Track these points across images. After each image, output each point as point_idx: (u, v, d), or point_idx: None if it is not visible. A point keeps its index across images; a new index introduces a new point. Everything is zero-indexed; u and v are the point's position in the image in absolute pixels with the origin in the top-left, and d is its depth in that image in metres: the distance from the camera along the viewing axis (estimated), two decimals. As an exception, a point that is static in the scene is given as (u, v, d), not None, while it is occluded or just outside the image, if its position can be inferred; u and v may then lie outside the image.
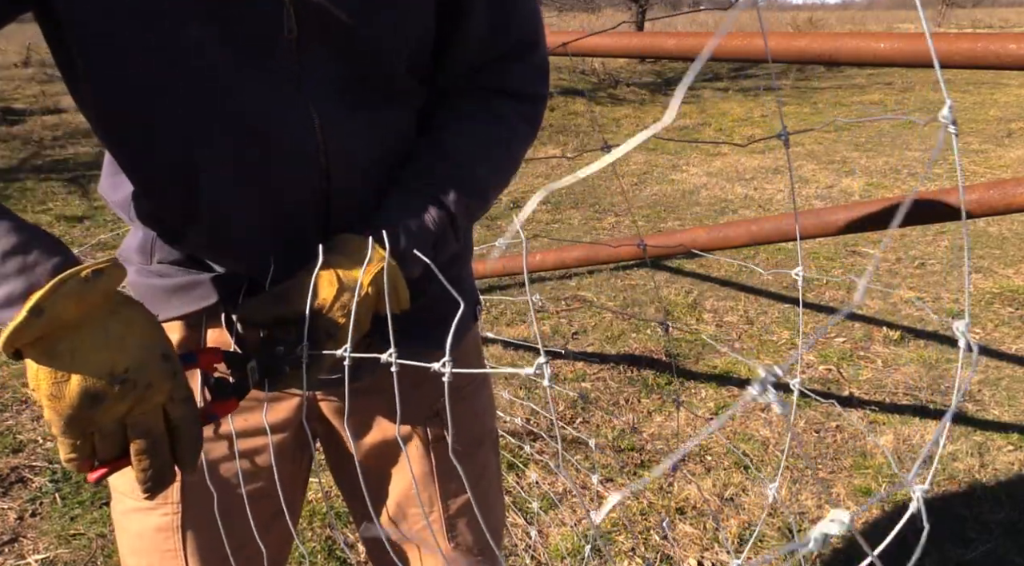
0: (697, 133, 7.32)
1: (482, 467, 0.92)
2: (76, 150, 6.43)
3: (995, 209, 1.37)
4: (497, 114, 0.77)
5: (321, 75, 0.66)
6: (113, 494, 0.83)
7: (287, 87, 0.65)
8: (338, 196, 0.71)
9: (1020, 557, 1.76)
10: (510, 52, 0.76)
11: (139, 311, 0.56)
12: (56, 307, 0.50)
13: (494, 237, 4.28)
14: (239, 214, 0.68)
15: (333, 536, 1.87)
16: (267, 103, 0.64)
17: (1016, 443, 2.20)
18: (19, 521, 1.94)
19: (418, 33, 0.70)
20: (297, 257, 0.69)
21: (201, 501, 0.79)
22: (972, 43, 1.28)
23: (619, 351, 2.86)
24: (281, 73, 0.64)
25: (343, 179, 0.70)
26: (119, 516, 0.82)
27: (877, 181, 5.25)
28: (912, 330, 2.98)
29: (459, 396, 0.87)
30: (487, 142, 0.77)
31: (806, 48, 1.46)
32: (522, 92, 0.79)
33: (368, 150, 0.72)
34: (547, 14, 14.01)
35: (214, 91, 0.62)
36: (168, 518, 0.79)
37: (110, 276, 0.53)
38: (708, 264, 3.77)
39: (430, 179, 0.73)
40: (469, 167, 0.75)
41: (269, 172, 0.67)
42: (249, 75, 0.63)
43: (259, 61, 0.63)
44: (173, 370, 0.56)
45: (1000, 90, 9.05)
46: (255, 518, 0.80)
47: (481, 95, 0.78)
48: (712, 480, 2.05)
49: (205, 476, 0.79)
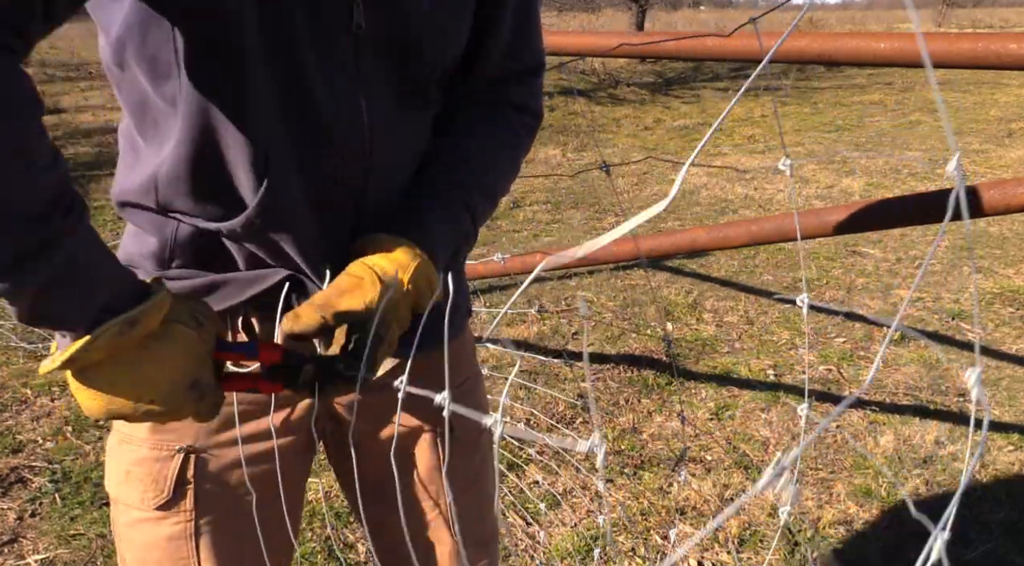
0: (697, 133, 7.32)
1: (482, 459, 0.94)
2: (76, 150, 6.42)
3: (995, 209, 1.37)
4: (507, 123, 0.84)
5: (376, 73, 0.69)
6: (115, 506, 0.80)
7: (345, 80, 0.67)
8: (372, 191, 0.73)
9: (1020, 557, 1.75)
10: (524, 71, 0.84)
11: (173, 344, 0.60)
12: (90, 356, 0.56)
13: (494, 237, 4.28)
14: (291, 200, 0.69)
15: (333, 536, 1.87)
16: (328, 93, 0.67)
17: (1016, 443, 2.20)
18: (19, 521, 1.94)
19: (462, 42, 0.75)
20: (333, 248, 0.72)
21: (215, 507, 0.78)
22: (972, 43, 1.27)
23: (619, 351, 2.86)
24: (342, 65, 0.67)
25: (379, 175, 0.73)
26: (124, 528, 0.80)
27: (877, 181, 5.25)
28: (912, 330, 2.98)
29: (461, 390, 0.90)
30: (500, 148, 0.83)
31: (806, 48, 1.45)
32: (527, 107, 0.86)
33: (403, 149, 0.75)
34: (547, 14, 14.02)
35: (293, 78, 0.65)
36: (181, 526, 0.77)
37: (144, 325, 0.58)
38: (708, 264, 3.76)
39: (457, 183, 0.78)
40: (486, 172, 0.81)
41: (320, 161, 0.69)
42: (318, 65, 0.65)
43: (326, 47, 0.65)
44: (200, 395, 0.62)
45: (1000, 90, 9.04)
46: (270, 519, 0.80)
47: (495, 106, 0.84)
48: (712, 480, 2.05)
49: (220, 481, 0.78)
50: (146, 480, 0.76)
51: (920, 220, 1.48)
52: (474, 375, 0.94)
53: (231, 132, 0.65)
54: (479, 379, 0.96)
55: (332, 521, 1.91)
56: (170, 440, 0.77)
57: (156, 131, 0.68)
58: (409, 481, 0.88)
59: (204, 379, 0.62)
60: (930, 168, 5.52)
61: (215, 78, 0.63)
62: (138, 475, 0.77)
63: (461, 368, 0.91)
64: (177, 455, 0.76)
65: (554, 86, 9.32)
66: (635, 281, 3.56)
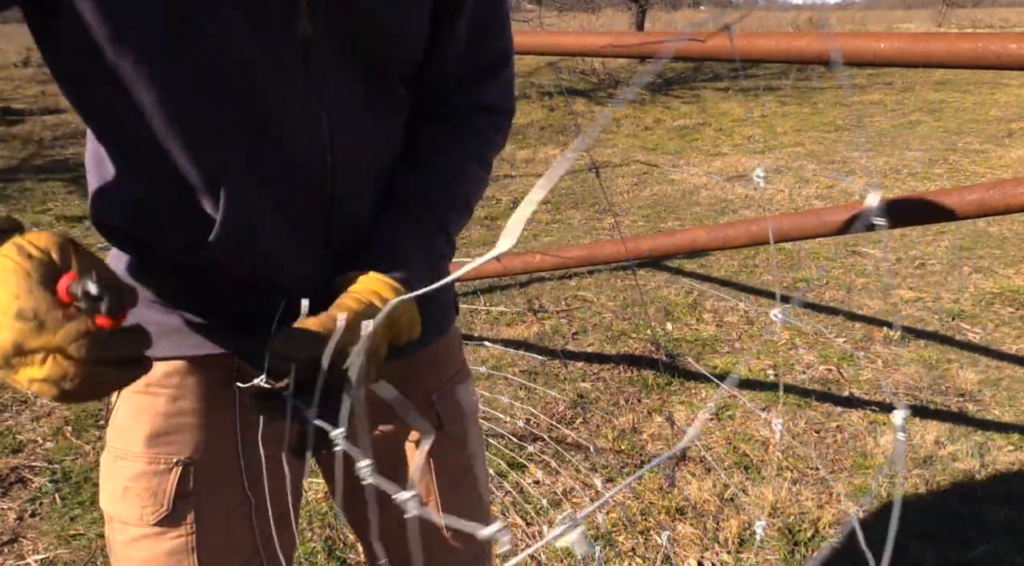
0: (697, 133, 7.32)
1: (472, 455, 0.94)
2: (76, 150, 6.42)
3: (995, 209, 1.37)
4: (475, 129, 0.81)
5: (330, 78, 0.67)
6: (111, 524, 0.79)
7: (299, 86, 0.65)
8: (341, 200, 0.71)
9: (1020, 557, 1.75)
10: (487, 68, 0.80)
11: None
12: None
13: (494, 237, 4.27)
14: (253, 215, 0.67)
15: (333, 536, 1.87)
16: (282, 101, 0.65)
17: (1016, 443, 2.20)
18: (19, 521, 1.94)
19: (422, 38, 0.72)
20: (297, 263, 0.71)
21: (216, 518, 0.78)
22: (972, 43, 1.28)
23: (619, 351, 2.86)
24: (293, 72, 0.64)
25: (347, 183, 0.71)
26: (121, 546, 0.78)
27: (877, 181, 5.24)
28: (912, 330, 2.98)
29: (450, 387, 0.90)
30: (469, 158, 0.80)
31: (806, 48, 1.45)
32: (495, 106, 0.83)
33: (370, 155, 0.73)
34: (547, 14, 14.01)
35: (239, 89, 0.62)
36: (182, 540, 0.76)
37: None
38: (708, 264, 3.76)
39: (427, 203, 0.76)
40: (457, 185, 0.78)
41: (279, 170, 0.67)
42: (266, 72, 0.63)
43: (274, 57, 0.63)
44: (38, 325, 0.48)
45: (1000, 90, 9.04)
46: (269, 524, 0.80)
47: (460, 113, 0.81)
48: (712, 480, 2.05)
49: (220, 492, 0.78)
50: (144, 495, 0.75)
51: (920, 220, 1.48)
52: (462, 371, 0.94)
53: (181, 155, 0.63)
54: (468, 375, 0.96)
55: (332, 521, 1.91)
56: (168, 453, 0.76)
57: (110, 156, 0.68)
58: (397, 479, 0.88)
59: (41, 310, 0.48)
60: (928, 168, 5.52)
61: (153, 102, 0.61)
62: (136, 491, 0.75)
63: (449, 364, 0.92)
64: (176, 468, 0.76)
65: (554, 86, 9.32)
66: (635, 281, 3.56)
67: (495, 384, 2.58)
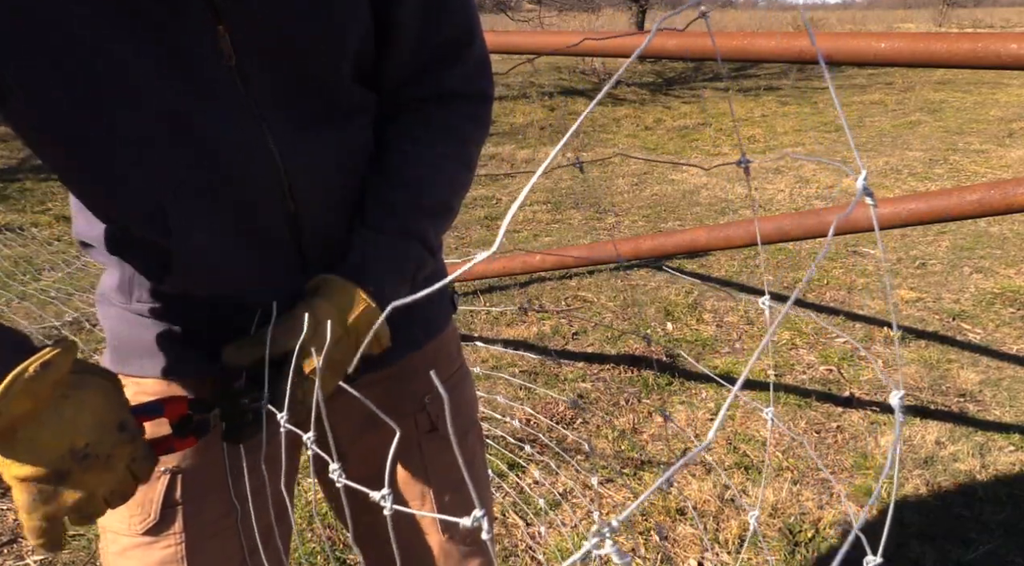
0: (697, 133, 7.32)
1: (470, 456, 0.94)
2: (76, 150, 6.42)
3: (995, 209, 1.37)
4: (443, 126, 0.76)
5: (269, 96, 0.65)
6: (104, 535, 0.79)
7: (237, 110, 0.64)
8: (306, 218, 0.71)
9: (1021, 557, 1.75)
10: (447, 52, 0.74)
11: (91, 390, 0.58)
12: (8, 407, 0.53)
13: (494, 236, 4.27)
14: (212, 242, 0.68)
15: (333, 536, 1.87)
16: (221, 129, 0.64)
17: (1017, 443, 2.20)
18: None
19: (359, 34, 0.69)
20: (273, 283, 0.71)
21: (205, 526, 0.78)
22: (973, 43, 1.27)
23: (619, 351, 2.86)
24: (228, 98, 0.64)
25: (308, 200, 0.70)
26: (114, 557, 0.78)
27: (877, 181, 5.24)
28: (913, 330, 2.98)
29: (447, 386, 0.90)
30: (440, 159, 0.76)
31: (806, 48, 1.45)
32: (464, 93, 0.77)
33: (330, 169, 0.71)
34: (547, 14, 14.00)
35: (172, 122, 0.62)
36: (172, 549, 0.76)
37: (57, 366, 0.55)
38: (708, 264, 3.76)
39: (396, 212, 0.73)
40: (429, 189, 0.74)
41: (232, 196, 0.66)
42: (198, 103, 0.63)
43: (205, 88, 0.62)
44: (131, 436, 0.60)
45: (1001, 90, 9.04)
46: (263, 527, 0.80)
47: (426, 110, 0.76)
48: (712, 480, 2.05)
49: (207, 499, 0.78)
50: (131, 504, 0.75)
51: (921, 220, 1.48)
52: (460, 371, 0.94)
53: (122, 187, 0.64)
54: (466, 375, 0.95)
55: (332, 521, 1.91)
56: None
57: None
58: (393, 482, 0.88)
59: (130, 423, 0.60)
60: (929, 167, 5.52)
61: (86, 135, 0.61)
62: None
63: (444, 365, 0.91)
64: (163, 476, 0.76)
65: (554, 86, 9.33)
66: (635, 281, 3.56)
67: (495, 384, 2.58)
